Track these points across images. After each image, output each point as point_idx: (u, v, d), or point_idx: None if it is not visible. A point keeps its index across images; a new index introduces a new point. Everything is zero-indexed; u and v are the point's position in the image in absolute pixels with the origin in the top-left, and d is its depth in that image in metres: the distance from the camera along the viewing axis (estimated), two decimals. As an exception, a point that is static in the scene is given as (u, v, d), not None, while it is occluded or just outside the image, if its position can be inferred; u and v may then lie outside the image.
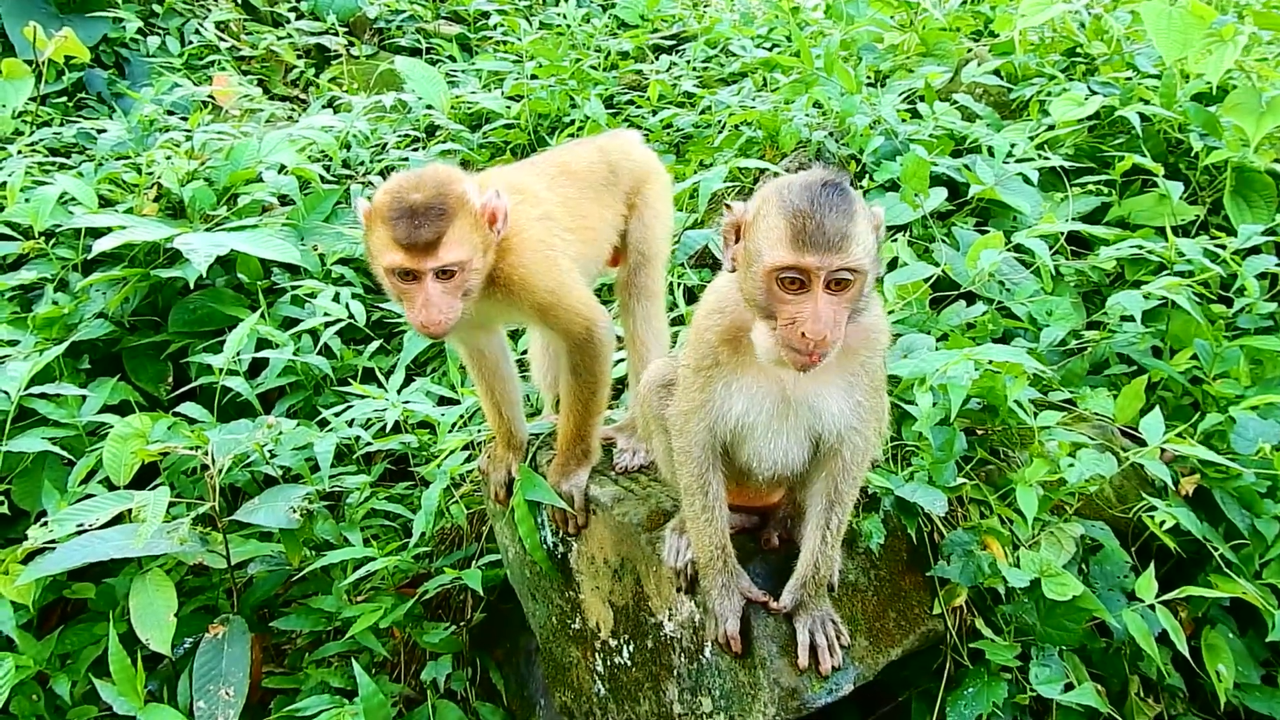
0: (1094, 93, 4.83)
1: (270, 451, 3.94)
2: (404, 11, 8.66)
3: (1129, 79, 5.00)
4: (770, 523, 2.87)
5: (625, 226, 3.37)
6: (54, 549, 3.44)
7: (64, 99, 7.22)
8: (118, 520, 3.51)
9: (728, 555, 2.64)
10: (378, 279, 2.85)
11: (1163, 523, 3.01)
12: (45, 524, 3.48)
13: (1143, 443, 3.09)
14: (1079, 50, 5.57)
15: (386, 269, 2.70)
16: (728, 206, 2.37)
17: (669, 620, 2.87)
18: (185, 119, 6.34)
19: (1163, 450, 3.08)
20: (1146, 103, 4.67)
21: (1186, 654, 2.89)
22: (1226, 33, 4.48)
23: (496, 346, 3.31)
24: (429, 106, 6.37)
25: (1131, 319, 3.59)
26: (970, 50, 5.94)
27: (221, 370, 4.21)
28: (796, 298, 2.15)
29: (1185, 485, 3.19)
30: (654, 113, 6.03)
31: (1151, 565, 2.94)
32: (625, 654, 3.04)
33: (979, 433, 3.26)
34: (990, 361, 3.10)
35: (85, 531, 3.46)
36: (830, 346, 2.15)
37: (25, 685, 3.54)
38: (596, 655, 3.16)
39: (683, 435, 2.56)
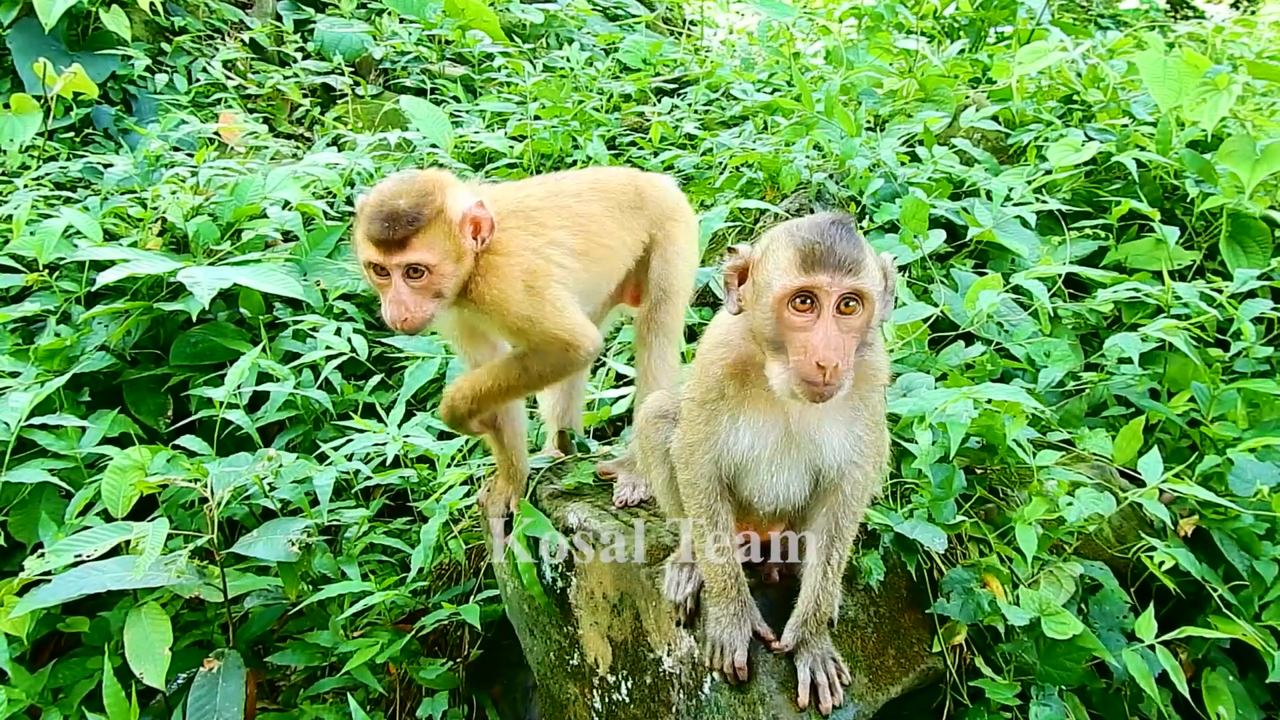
0: (1091, 139, 4.89)
1: (269, 485, 3.93)
2: (409, 53, 8.75)
3: (1125, 126, 5.06)
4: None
5: (647, 259, 3.39)
6: (50, 581, 3.43)
7: (71, 134, 7.28)
8: (115, 552, 3.50)
9: (741, 584, 2.64)
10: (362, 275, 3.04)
11: (1162, 563, 3.01)
12: (42, 555, 3.47)
13: (1141, 484, 3.10)
14: (1076, 97, 5.65)
15: (363, 263, 2.92)
16: (731, 250, 2.40)
17: (668, 656, 2.86)
18: (191, 155, 6.40)
19: (1161, 491, 3.09)
20: (1142, 149, 4.74)
21: (1187, 695, 2.88)
22: (1221, 82, 4.55)
23: None
24: (433, 145, 6.42)
25: (1129, 361, 3.61)
26: (968, 96, 6.02)
27: (222, 403, 4.22)
28: (807, 322, 2.20)
29: (1184, 526, 3.20)
30: (655, 154, 6.09)
31: (1151, 606, 2.94)
32: (623, 690, 3.02)
33: (978, 471, 3.27)
34: (989, 400, 3.12)
35: (82, 563, 3.45)
36: (842, 376, 2.19)
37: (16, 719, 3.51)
38: (594, 692, 3.14)
39: (688, 468, 2.58)
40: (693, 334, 4.37)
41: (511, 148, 6.39)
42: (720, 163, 5.61)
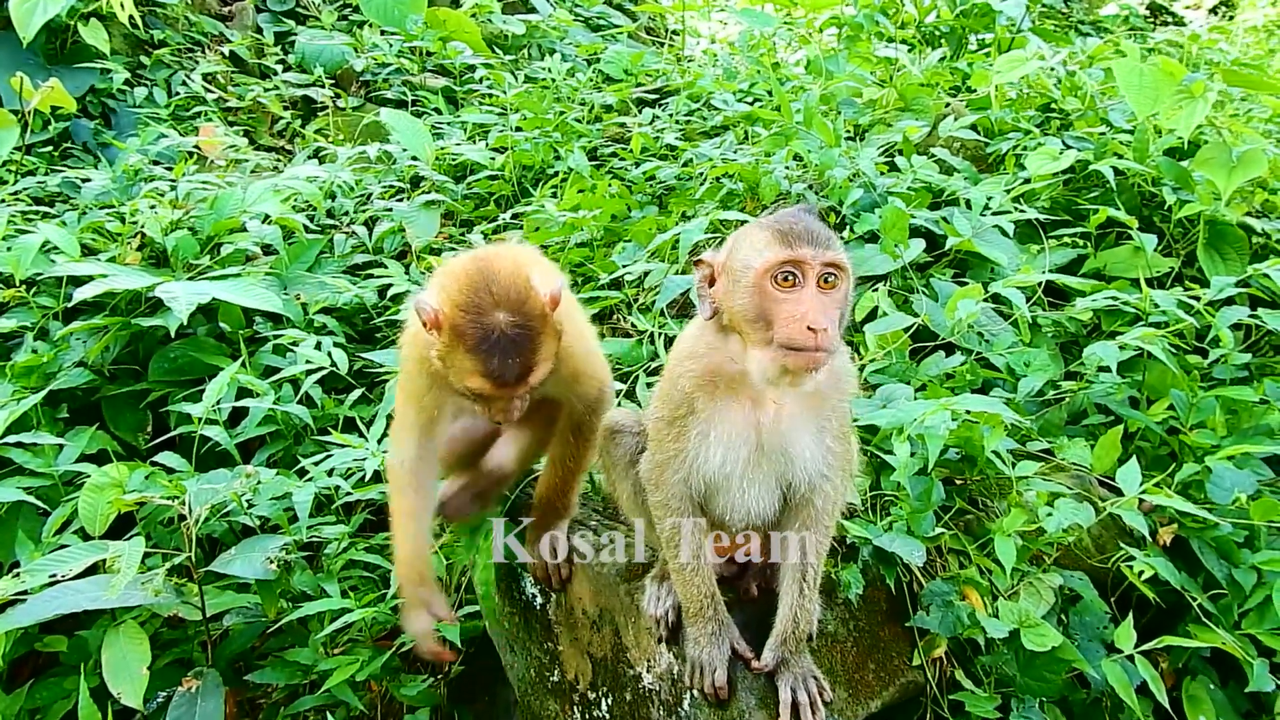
0: (1069, 147, 4.90)
1: (248, 501, 3.90)
2: (390, 65, 8.74)
3: (1103, 134, 5.08)
4: (749, 572, 2.86)
5: None
6: (25, 600, 3.39)
7: (49, 149, 7.24)
8: (91, 571, 3.47)
9: (717, 604, 2.63)
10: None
11: (1141, 573, 3.01)
12: (17, 574, 3.44)
13: (1120, 493, 3.10)
14: (1054, 106, 5.67)
15: (470, 391, 2.64)
16: (699, 262, 2.42)
17: (647, 672, 2.85)
18: (170, 169, 6.37)
19: (1141, 500, 3.09)
20: (1120, 157, 4.75)
21: (1167, 705, 2.88)
22: (1196, 89, 4.57)
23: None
24: (414, 158, 6.41)
25: (1108, 369, 3.61)
26: (948, 105, 6.03)
27: (200, 419, 4.18)
28: (791, 295, 2.22)
29: (1163, 535, 3.20)
30: (637, 165, 6.09)
31: (1130, 615, 2.94)
32: (604, 707, 3.01)
33: (957, 482, 3.27)
34: (968, 411, 3.12)
35: (58, 582, 3.42)
36: (831, 344, 2.20)
37: (-8, 741, 3.48)
38: (575, 708, 3.12)
39: (659, 489, 2.56)
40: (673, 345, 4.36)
41: (493, 159, 6.38)
42: (701, 174, 5.60)
